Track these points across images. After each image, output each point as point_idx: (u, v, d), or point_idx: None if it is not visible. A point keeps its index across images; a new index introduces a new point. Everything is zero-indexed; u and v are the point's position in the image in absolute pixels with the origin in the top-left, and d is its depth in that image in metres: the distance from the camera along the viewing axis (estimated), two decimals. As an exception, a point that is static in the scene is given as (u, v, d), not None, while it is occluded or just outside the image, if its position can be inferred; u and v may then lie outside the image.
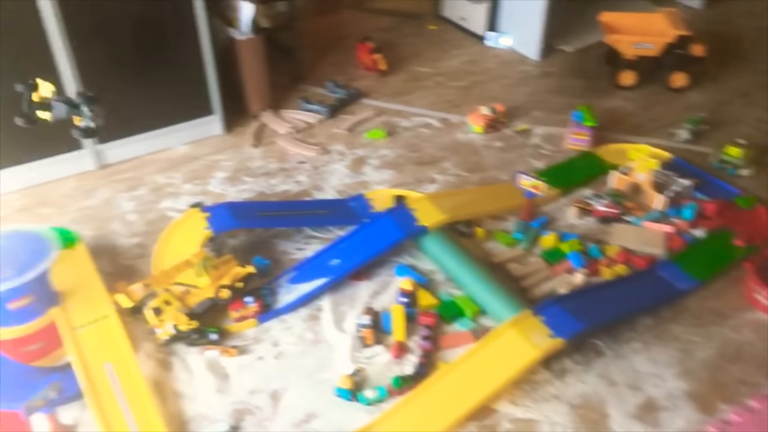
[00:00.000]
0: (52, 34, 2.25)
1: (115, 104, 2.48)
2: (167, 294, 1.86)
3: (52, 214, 2.35)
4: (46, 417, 1.60)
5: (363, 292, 2.05)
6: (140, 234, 2.26)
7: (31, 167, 2.46)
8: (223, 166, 2.61)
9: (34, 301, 1.72)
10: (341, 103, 2.96)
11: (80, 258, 1.97)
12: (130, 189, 2.48)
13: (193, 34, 2.50)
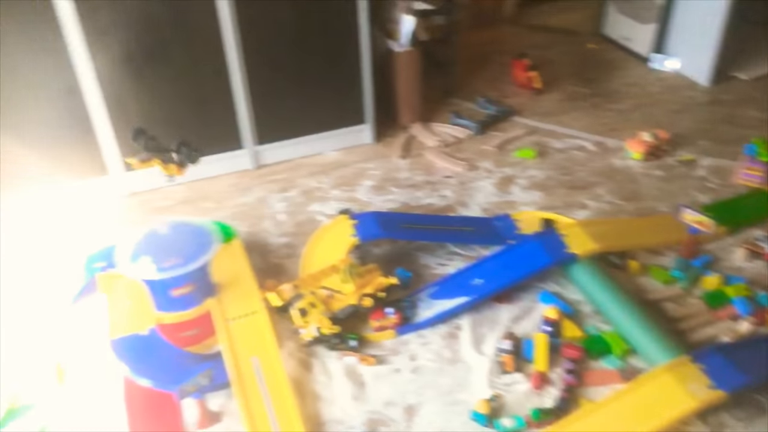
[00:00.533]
0: (228, 43, 2.40)
1: (276, 108, 2.62)
2: (313, 297, 1.91)
3: (211, 208, 2.50)
4: (196, 402, 1.69)
5: (504, 315, 1.99)
6: (289, 234, 2.35)
7: (196, 162, 2.63)
8: (370, 175, 2.65)
9: (194, 290, 1.82)
10: (492, 120, 2.92)
11: (236, 253, 2.07)
12: (283, 190, 2.59)
13: (355, 45, 2.57)
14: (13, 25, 2.15)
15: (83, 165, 2.48)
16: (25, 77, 2.24)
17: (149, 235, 1.88)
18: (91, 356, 1.87)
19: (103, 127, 2.42)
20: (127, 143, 2.47)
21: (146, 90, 2.42)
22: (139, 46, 2.33)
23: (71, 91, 2.32)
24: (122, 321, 1.87)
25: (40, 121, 2.34)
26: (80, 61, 2.27)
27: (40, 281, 2.16)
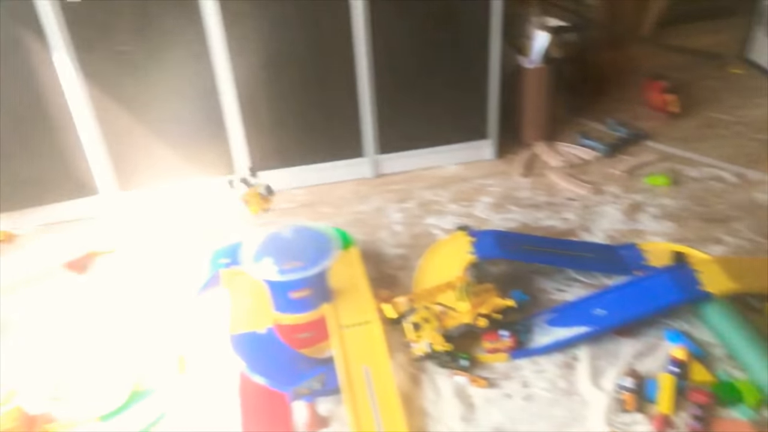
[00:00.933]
0: (359, 53, 2.44)
1: (400, 119, 2.63)
2: (427, 312, 1.89)
3: (329, 214, 2.54)
4: (306, 405, 1.71)
5: (626, 350, 1.88)
6: (404, 246, 2.34)
7: (317, 168, 2.69)
8: (489, 192, 2.61)
9: (312, 294, 1.85)
10: (622, 143, 2.79)
11: (353, 260, 2.08)
12: (400, 201, 2.59)
13: (484, 59, 2.54)
14: (165, 28, 2.29)
15: (213, 163, 2.59)
16: (171, 77, 2.38)
17: (273, 236, 1.93)
18: (211, 348, 1.94)
19: (234, 128, 2.52)
20: (256, 145, 2.58)
21: (278, 95, 2.50)
22: (274, 52, 2.41)
23: (209, 92, 2.44)
24: (242, 318, 1.93)
25: (179, 119, 2.48)
26: (220, 65, 2.39)
27: (168, 272, 2.27)
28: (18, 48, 2.23)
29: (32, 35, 2.21)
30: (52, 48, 2.24)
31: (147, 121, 2.45)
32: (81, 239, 2.48)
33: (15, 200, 2.51)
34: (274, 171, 2.65)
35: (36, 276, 2.33)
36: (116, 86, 2.37)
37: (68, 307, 2.18)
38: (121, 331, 2.07)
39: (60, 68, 2.28)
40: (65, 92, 2.32)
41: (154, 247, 2.43)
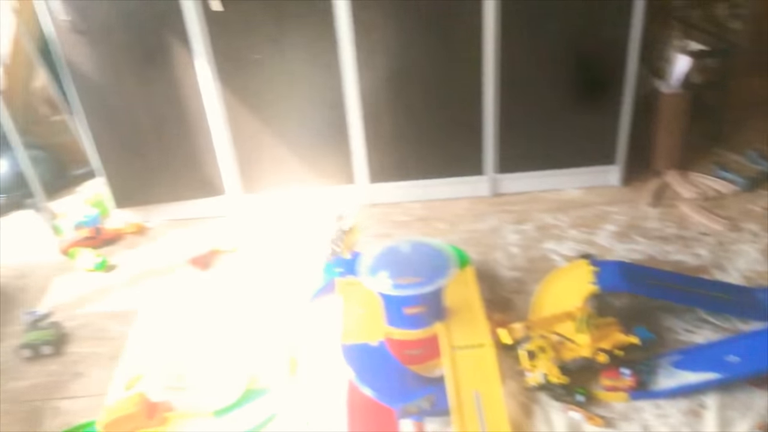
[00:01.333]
0: (486, 70, 2.41)
1: (523, 138, 2.57)
2: (543, 341, 1.82)
3: (444, 230, 2.52)
4: (414, 423, 1.69)
5: (761, 402, 1.72)
6: (520, 269, 2.28)
7: (434, 183, 2.68)
8: (613, 219, 2.49)
9: (425, 311, 1.83)
10: (763, 177, 2.59)
11: (468, 280, 2.04)
12: (517, 222, 2.53)
13: (618, 81, 2.44)
14: (299, 39, 2.36)
15: (333, 172, 2.64)
16: (300, 86, 2.45)
17: (391, 249, 1.92)
18: (322, 355, 1.97)
19: (356, 139, 2.55)
20: (375, 157, 2.60)
21: (401, 109, 2.51)
22: (401, 66, 2.43)
23: (335, 102, 2.48)
24: (355, 328, 1.93)
25: (304, 127, 2.54)
26: (348, 76, 2.43)
27: (285, 275, 2.33)
28: (164, 53, 2.37)
29: (178, 41, 2.34)
30: (195, 54, 2.36)
31: (274, 127, 2.53)
32: (206, 237, 2.59)
33: (148, 195, 2.67)
34: (392, 183, 2.67)
35: (163, 268, 2.46)
36: (248, 93, 2.47)
37: (190, 301, 2.28)
38: (238, 328, 2.14)
39: (200, 74, 2.40)
40: (203, 96, 2.44)
41: (273, 249, 2.50)
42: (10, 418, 1.90)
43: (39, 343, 2.08)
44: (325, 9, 2.29)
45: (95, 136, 2.53)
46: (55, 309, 2.28)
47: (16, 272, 2.49)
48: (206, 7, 2.29)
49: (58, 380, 2.01)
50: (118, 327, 2.19)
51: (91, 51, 2.36)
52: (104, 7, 2.28)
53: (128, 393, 1.92)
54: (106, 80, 2.41)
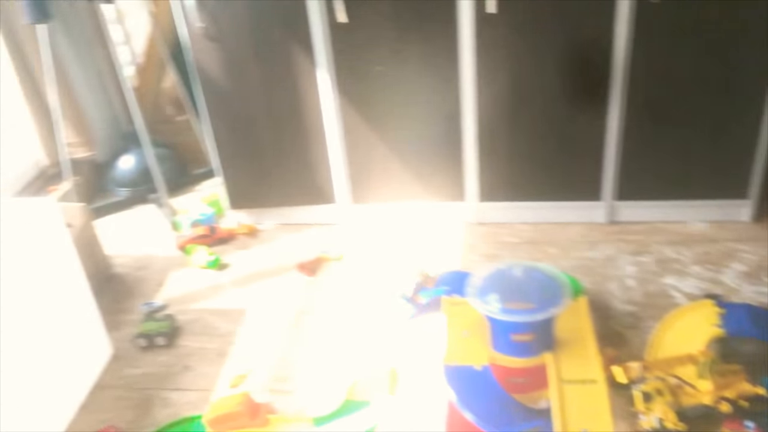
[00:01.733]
0: (613, 89, 2.31)
1: (647, 165, 2.44)
2: (661, 383, 1.71)
3: (555, 255, 2.43)
4: (516, 456, 1.63)
5: None
6: (636, 303, 2.16)
7: (547, 205, 2.59)
8: (742, 258, 2.31)
9: (534, 339, 1.76)
10: None
11: (581, 311, 1.95)
12: (635, 253, 2.40)
13: (759, 106, 2.26)
14: (421, 52, 2.35)
15: (444, 188, 2.61)
16: (418, 99, 2.44)
17: (501, 272, 1.87)
18: (423, 372, 1.94)
19: (470, 156, 2.52)
20: (488, 175, 2.55)
21: (519, 127, 2.45)
22: (523, 84, 2.37)
23: (451, 117, 2.46)
24: (458, 350, 1.89)
25: (419, 141, 2.53)
26: (467, 91, 2.39)
27: (389, 287, 2.32)
28: (289, 62, 2.43)
29: (302, 51, 2.40)
30: (317, 64, 2.41)
31: (387, 139, 2.54)
32: (314, 243, 2.64)
33: (262, 198, 2.75)
34: (502, 203, 2.61)
35: (271, 271, 2.52)
36: (365, 103, 2.49)
37: (296, 306, 2.32)
38: (340, 337, 2.15)
39: (321, 83, 2.45)
40: (322, 105, 2.49)
41: (379, 260, 2.51)
42: (124, 403, 2.00)
43: (154, 333, 2.18)
44: (450, 24, 2.28)
45: (217, 138, 2.63)
46: (169, 302, 2.38)
47: (137, 263, 2.63)
48: (331, 18, 2.33)
49: (168, 371, 2.09)
50: (227, 325, 2.26)
51: (220, 57, 2.45)
52: (237, 16, 2.37)
53: (233, 391, 1.97)
54: (231, 85, 2.51)
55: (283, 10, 2.34)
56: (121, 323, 2.31)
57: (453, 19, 2.27)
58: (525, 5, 2.23)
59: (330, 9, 2.31)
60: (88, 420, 1.95)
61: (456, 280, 2.22)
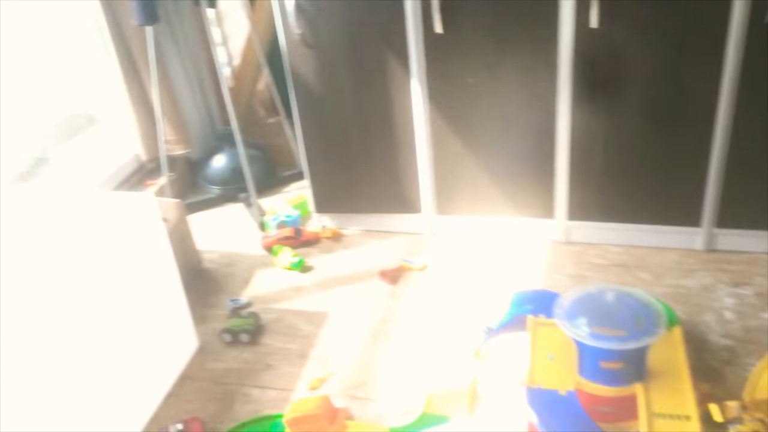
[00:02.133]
0: (721, 109, 2.20)
1: (752, 190, 2.32)
2: (761, 425, 1.61)
3: (647, 281, 2.34)
4: (600, 488, 1.57)
5: None
6: (733, 337, 2.05)
7: (639, 228, 2.49)
8: None
9: (624, 368, 1.69)
10: None
11: (675, 342, 1.86)
12: (734, 284, 2.27)
13: None
14: (516, 67, 2.32)
15: (532, 205, 2.56)
16: (511, 113, 2.41)
17: (591, 295, 1.81)
18: (503, 391, 1.91)
19: (562, 173, 2.46)
20: (578, 194, 2.48)
21: (615, 145, 2.37)
22: (622, 101, 2.29)
23: (544, 133, 2.40)
24: (543, 372, 1.85)
25: (508, 155, 2.49)
26: (562, 108, 2.34)
27: (469, 302, 2.30)
28: (382, 71, 2.44)
29: (396, 61, 2.41)
30: (410, 73, 2.41)
31: (477, 152, 2.51)
32: (397, 251, 2.64)
33: (348, 203, 2.77)
34: (592, 223, 2.53)
35: (353, 276, 2.53)
36: (456, 115, 2.48)
37: (376, 313, 2.32)
38: (420, 349, 2.14)
39: (413, 93, 2.45)
40: (413, 115, 2.49)
41: (462, 274, 2.48)
42: (207, 396, 2.05)
43: (239, 330, 2.23)
44: (549, 38, 2.23)
45: (306, 141, 2.67)
46: (254, 300, 2.44)
47: (225, 260, 2.71)
48: (427, 28, 2.33)
49: (251, 368, 2.14)
50: (309, 327, 2.29)
51: (315, 63, 2.50)
52: (333, 25, 2.41)
53: (312, 393, 1.99)
54: (324, 91, 2.54)
55: (381, 20, 2.36)
56: (208, 317, 2.38)
57: (552, 33, 2.23)
58: (628, 20, 2.16)
59: (426, 19, 2.31)
60: (173, 409, 2.02)
61: (540, 300, 2.17)
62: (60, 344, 1.67)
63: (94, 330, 1.79)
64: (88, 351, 1.77)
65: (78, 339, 1.74)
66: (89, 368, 1.77)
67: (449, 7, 2.26)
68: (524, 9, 2.23)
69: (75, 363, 1.72)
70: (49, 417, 1.65)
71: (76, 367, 1.73)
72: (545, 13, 2.20)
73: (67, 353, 1.70)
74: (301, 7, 2.40)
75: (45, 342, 1.62)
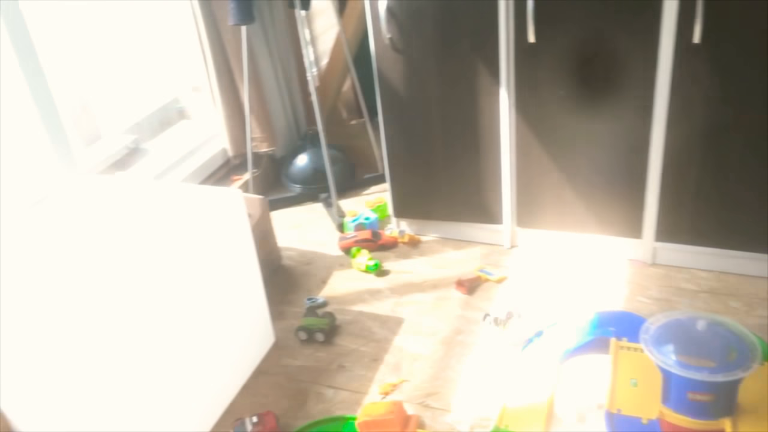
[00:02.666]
0: None
1: None
2: None
3: (738, 310, 2.22)
4: None
5: None
6: (832, 378, 1.92)
7: (733, 254, 2.37)
8: None
9: (713, 401, 1.62)
10: None
11: (766, 375, 1.78)
12: (835, 321, 2.14)
13: None
14: (610, 80, 2.25)
15: (618, 223, 2.48)
16: (602, 128, 2.34)
17: (681, 323, 1.75)
18: (580, 413, 1.85)
19: (653, 192, 2.37)
20: (668, 215, 2.39)
21: (711, 165, 2.26)
22: (720, 120, 2.19)
23: (637, 150, 2.32)
24: (625, 398, 1.79)
25: (596, 171, 2.42)
26: (658, 125, 2.26)
27: (546, 318, 2.25)
28: (470, 79, 2.42)
29: (486, 70, 2.38)
30: (500, 83, 2.38)
31: (563, 165, 2.46)
32: (474, 261, 2.61)
33: (427, 210, 2.76)
34: (681, 246, 2.43)
35: (429, 284, 2.52)
36: (545, 127, 2.43)
37: (450, 323, 2.31)
38: (493, 362, 2.11)
39: (502, 103, 2.42)
40: (500, 125, 2.46)
41: (539, 288, 2.44)
42: (281, 392, 2.09)
43: (314, 329, 2.26)
44: (649, 53, 2.16)
45: (389, 145, 2.68)
46: (330, 300, 2.46)
47: (304, 258, 2.75)
48: (518, 38, 2.29)
49: (325, 368, 2.16)
50: (383, 331, 2.29)
51: (403, 68, 2.50)
52: (425, 32, 2.40)
53: (384, 398, 2.00)
54: (410, 96, 2.55)
55: (472, 27, 2.34)
56: (285, 314, 2.43)
57: (652, 48, 2.15)
58: (732, 36, 2.06)
59: (519, 28, 2.27)
60: (247, 402, 2.07)
61: (624, 322, 2.11)
62: (147, 332, 1.73)
63: (180, 320, 1.85)
64: (174, 340, 1.83)
65: (164, 327, 1.80)
66: (174, 357, 1.83)
67: (544, 17, 2.22)
68: (624, 22, 2.16)
69: (160, 351, 1.78)
70: (134, 402, 1.72)
71: (162, 356, 1.79)
72: (646, 27, 2.13)
73: (153, 342, 1.76)
74: (393, 12, 2.41)
75: (134, 330, 1.69)
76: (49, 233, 1.99)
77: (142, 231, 1.94)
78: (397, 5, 2.39)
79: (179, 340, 1.85)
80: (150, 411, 1.76)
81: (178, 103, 3.51)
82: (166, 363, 1.80)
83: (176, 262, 1.85)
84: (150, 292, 1.74)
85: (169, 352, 1.81)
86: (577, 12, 2.21)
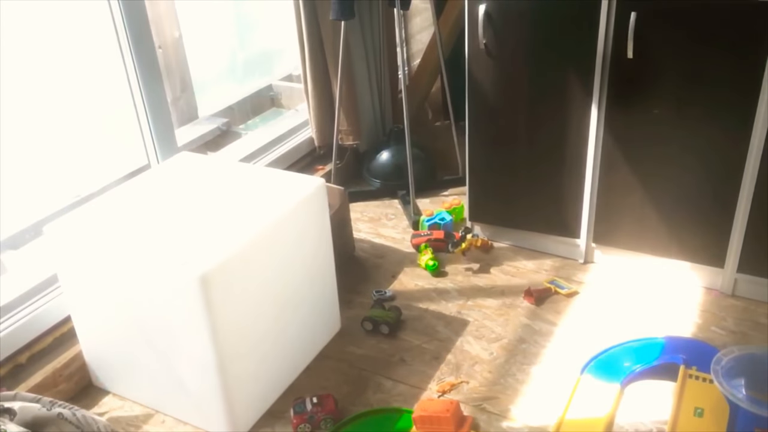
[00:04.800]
0: None
1: None
2: None
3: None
4: None
5: None
6: None
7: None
8: None
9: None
10: None
11: None
12: None
13: None
14: (707, 101, 2.20)
15: (699, 249, 2.41)
16: (694, 151, 2.27)
17: (756, 357, 1.70)
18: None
19: (739, 221, 2.29)
20: (755, 245, 2.30)
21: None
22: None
23: (729, 176, 2.25)
24: (687, 426, 1.75)
25: (683, 195, 2.35)
26: (754, 152, 2.18)
27: (610, 338, 2.21)
28: (562, 89, 2.41)
29: (579, 82, 2.37)
30: (593, 95, 2.36)
31: (648, 186, 2.40)
32: (545, 273, 2.60)
33: (502, 216, 2.76)
34: (762, 279, 2.34)
35: (498, 290, 2.53)
36: (633, 146, 2.38)
37: (515, 331, 2.31)
38: (553, 374, 2.10)
39: (592, 114, 2.39)
40: (589, 139, 2.43)
41: (610, 306, 2.40)
42: (342, 377, 2.16)
43: (380, 320, 2.32)
44: (752, 76, 2.09)
45: (472, 149, 2.70)
46: (398, 294, 2.51)
47: (376, 251, 2.81)
48: (616, 52, 2.26)
49: (386, 360, 2.21)
50: (446, 331, 2.32)
51: (495, 75, 2.51)
52: (520, 39, 2.41)
53: (441, 396, 2.02)
54: (499, 102, 2.56)
55: (569, 39, 2.33)
56: (353, 303, 2.49)
57: (758, 69, 2.08)
58: None
59: (617, 43, 2.25)
60: (309, 383, 2.14)
61: (694, 351, 2.07)
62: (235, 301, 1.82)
63: (261, 293, 1.94)
64: (253, 312, 1.92)
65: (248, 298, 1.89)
66: (251, 330, 1.92)
67: (644, 34, 2.19)
68: (728, 43, 2.10)
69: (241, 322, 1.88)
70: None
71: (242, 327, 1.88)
72: (751, 48, 2.07)
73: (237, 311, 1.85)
74: (490, 16, 2.43)
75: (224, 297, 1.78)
76: (147, 203, 2.12)
77: (234, 208, 2.03)
78: (495, 10, 2.41)
79: (258, 313, 1.94)
80: (224, 376, 1.85)
81: (271, 91, 3.65)
82: (244, 335, 1.90)
83: (264, 240, 1.93)
84: (239, 267, 1.84)
85: (247, 324, 1.91)
86: (679, 33, 2.17)
